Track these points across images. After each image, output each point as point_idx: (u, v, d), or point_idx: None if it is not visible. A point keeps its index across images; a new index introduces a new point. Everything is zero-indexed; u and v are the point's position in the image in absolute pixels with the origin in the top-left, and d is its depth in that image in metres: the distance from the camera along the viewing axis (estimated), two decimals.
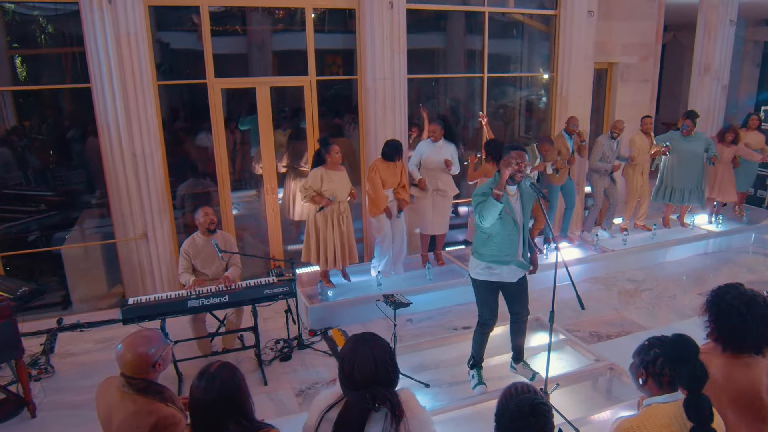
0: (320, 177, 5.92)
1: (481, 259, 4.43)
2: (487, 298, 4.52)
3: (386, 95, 6.99)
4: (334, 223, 6.07)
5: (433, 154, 6.62)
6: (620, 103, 9.13)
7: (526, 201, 4.37)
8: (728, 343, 2.66)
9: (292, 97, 7.47)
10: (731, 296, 2.67)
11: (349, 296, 6.26)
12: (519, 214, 4.33)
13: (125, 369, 2.77)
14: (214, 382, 2.37)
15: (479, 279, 4.48)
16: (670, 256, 7.99)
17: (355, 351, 2.34)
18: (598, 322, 6.17)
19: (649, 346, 2.49)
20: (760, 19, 12.12)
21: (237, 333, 5.42)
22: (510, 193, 4.29)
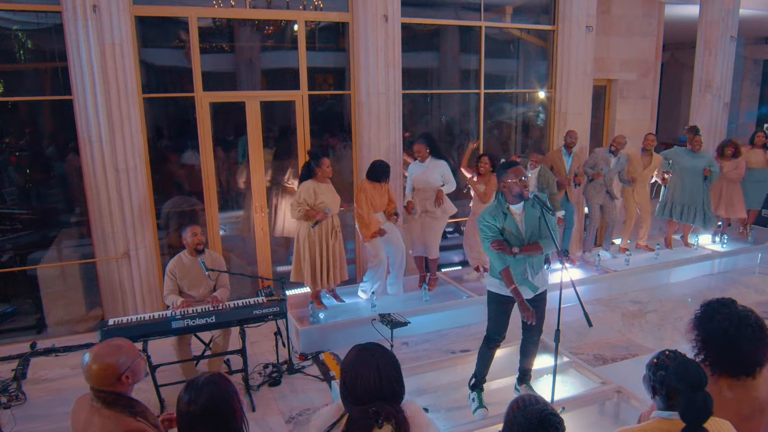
0: (312, 190, 5.88)
1: (493, 274, 4.42)
2: (497, 312, 4.47)
3: (380, 110, 7.01)
4: (326, 239, 6.02)
5: (421, 174, 6.61)
6: (620, 121, 9.20)
7: (532, 219, 4.31)
8: (716, 366, 2.60)
9: (280, 115, 7.44)
10: (720, 317, 2.59)
11: (341, 318, 6.18)
12: (526, 233, 4.28)
13: (91, 380, 2.65)
14: (202, 394, 2.26)
15: (493, 291, 4.45)
16: (674, 277, 7.98)
17: (359, 362, 2.23)
18: (602, 344, 6.12)
19: (657, 365, 2.45)
20: (760, 38, 12.32)
21: (223, 356, 5.31)
22: (515, 213, 4.27)
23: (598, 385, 4.94)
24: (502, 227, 4.22)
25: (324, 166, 5.88)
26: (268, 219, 7.60)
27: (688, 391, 2.26)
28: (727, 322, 2.56)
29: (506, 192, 4.24)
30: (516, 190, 4.17)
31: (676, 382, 2.31)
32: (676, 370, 2.33)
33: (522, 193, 4.18)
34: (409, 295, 6.83)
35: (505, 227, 4.21)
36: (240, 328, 4.97)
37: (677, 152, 8.09)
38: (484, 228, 4.27)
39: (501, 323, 4.50)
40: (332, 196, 6.00)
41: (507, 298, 4.41)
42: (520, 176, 4.17)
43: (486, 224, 4.27)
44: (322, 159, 5.90)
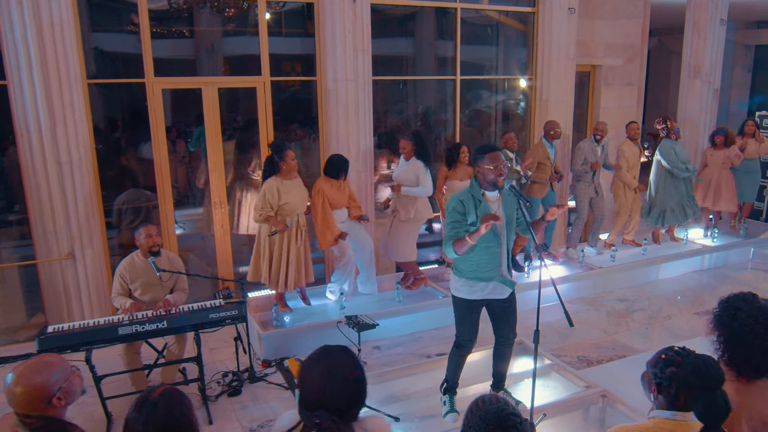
0: (276, 189, 5.76)
1: (460, 275, 4.34)
2: (466, 316, 4.42)
3: (349, 98, 6.90)
4: (289, 239, 5.92)
5: (400, 172, 6.58)
6: (605, 108, 9.20)
7: (508, 209, 4.27)
8: (744, 369, 2.55)
9: (243, 104, 7.31)
10: (745, 314, 2.54)
11: (308, 321, 6.10)
12: (502, 225, 4.22)
13: (16, 405, 2.47)
14: (156, 412, 2.14)
15: (459, 296, 4.38)
16: (662, 274, 8.02)
17: (311, 364, 2.16)
18: (586, 345, 6.11)
19: (666, 361, 2.39)
20: (751, 22, 12.42)
21: (178, 365, 5.18)
22: (490, 200, 4.20)
23: (582, 389, 4.92)
24: (473, 215, 4.13)
25: (288, 159, 5.77)
26: (233, 215, 7.52)
27: (708, 389, 2.22)
28: (753, 320, 2.52)
29: (481, 178, 4.17)
30: (490, 178, 4.10)
31: (695, 379, 2.27)
32: (695, 367, 2.29)
33: (496, 182, 4.11)
34: (382, 296, 6.78)
35: (479, 214, 4.12)
36: (195, 333, 4.85)
37: (672, 145, 8.01)
38: (451, 211, 4.18)
39: (470, 328, 4.44)
40: (299, 194, 5.90)
41: (475, 302, 4.35)
42: (497, 163, 4.09)
43: (454, 208, 4.17)
44: (285, 152, 5.78)
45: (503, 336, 4.53)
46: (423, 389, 5.01)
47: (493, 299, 4.36)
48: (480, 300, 4.35)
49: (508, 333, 4.51)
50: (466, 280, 4.30)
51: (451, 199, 4.25)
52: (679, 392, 2.32)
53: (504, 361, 4.65)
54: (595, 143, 7.62)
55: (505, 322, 4.48)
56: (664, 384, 2.36)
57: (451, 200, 4.23)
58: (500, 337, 4.54)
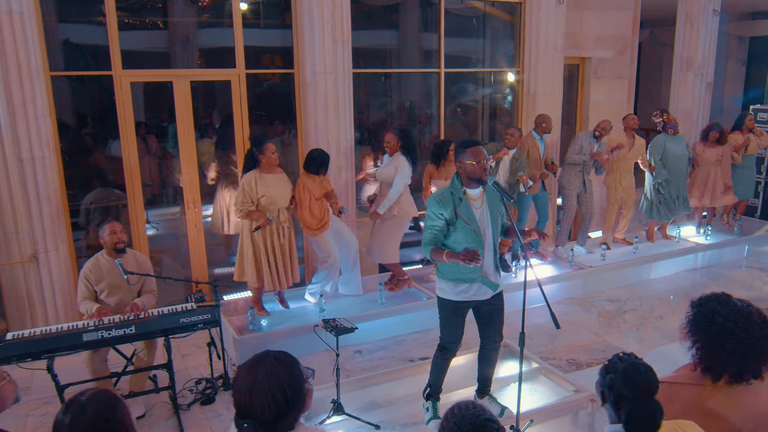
0: (254, 181, 5.69)
1: (443, 276, 4.30)
2: (451, 319, 4.37)
3: (328, 91, 6.84)
4: (273, 236, 5.86)
5: (382, 167, 6.53)
6: (595, 102, 9.20)
7: (492, 206, 4.21)
8: (723, 374, 2.48)
9: (221, 99, 7.23)
10: (722, 318, 2.46)
11: (286, 325, 6.02)
12: (485, 223, 4.18)
13: None
14: (84, 414, 2.04)
15: (443, 297, 4.34)
16: (654, 273, 8.02)
17: (243, 371, 2.13)
18: (576, 348, 6.09)
19: (607, 368, 2.36)
20: (745, 13, 12.46)
21: (148, 372, 5.09)
22: (473, 198, 4.15)
23: (571, 393, 4.89)
24: (452, 215, 4.07)
25: (268, 153, 5.70)
26: (217, 215, 7.46)
27: (634, 397, 2.19)
28: (731, 323, 2.44)
29: (462, 174, 4.12)
30: (473, 173, 4.05)
31: (622, 386, 2.23)
32: (623, 373, 2.25)
33: (480, 177, 4.06)
34: (364, 298, 6.73)
35: (460, 214, 4.06)
36: (165, 339, 4.75)
37: (665, 140, 8.02)
38: (429, 214, 4.12)
39: (455, 331, 4.40)
40: (279, 189, 5.82)
41: (460, 303, 4.31)
42: (480, 158, 4.04)
43: (432, 211, 4.11)
44: (265, 145, 5.71)
45: (489, 339, 4.49)
46: (406, 395, 4.96)
47: (480, 301, 4.32)
48: (466, 302, 4.30)
49: (494, 336, 4.47)
50: (450, 282, 4.25)
51: (429, 199, 4.19)
52: (619, 399, 2.26)
53: (490, 365, 4.61)
54: (593, 139, 7.56)
55: (491, 325, 4.43)
56: (606, 392, 2.32)
57: (429, 201, 4.17)
58: (486, 340, 4.50)
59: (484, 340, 4.51)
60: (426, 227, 4.17)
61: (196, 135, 6.79)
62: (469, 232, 4.09)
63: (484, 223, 4.16)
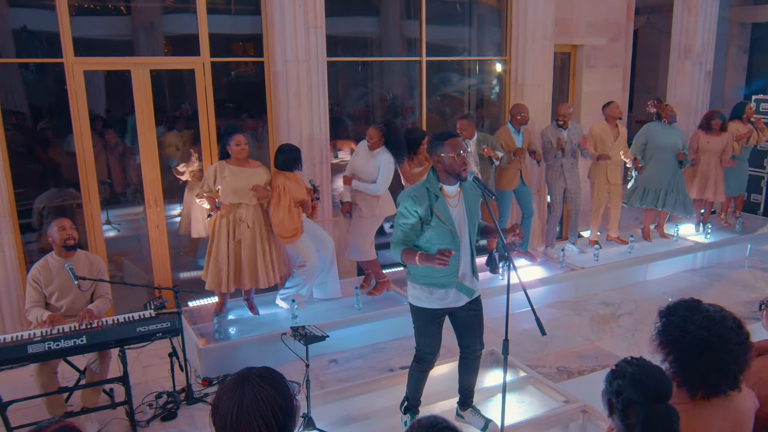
0: (214, 171, 5.78)
1: (415, 281, 4.23)
2: (426, 327, 4.31)
3: (301, 81, 6.77)
4: (230, 232, 5.83)
5: (363, 163, 6.44)
6: (587, 93, 9.18)
7: (470, 204, 4.16)
8: (699, 388, 2.42)
9: (189, 90, 7.12)
10: (695, 326, 2.40)
11: (255, 333, 5.95)
12: (461, 223, 4.12)
13: None
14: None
15: (417, 305, 4.27)
16: (651, 274, 8.02)
17: (225, 393, 2.00)
18: (567, 355, 6.08)
19: (614, 374, 2.28)
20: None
21: (102, 386, 4.97)
22: (449, 195, 4.08)
23: (561, 404, 4.86)
24: (427, 213, 4.00)
25: (233, 144, 5.75)
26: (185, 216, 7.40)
27: (646, 402, 2.14)
28: (705, 331, 2.38)
29: (440, 169, 4.05)
30: (454, 168, 3.97)
31: (631, 391, 2.18)
32: (633, 378, 2.20)
33: (460, 172, 3.99)
34: (341, 302, 6.68)
35: (435, 212, 3.99)
36: (120, 349, 4.67)
37: (649, 129, 8.05)
38: (402, 210, 4.04)
39: (432, 340, 4.34)
40: (245, 183, 5.77)
41: (435, 311, 4.25)
42: (458, 150, 3.97)
43: (406, 207, 4.02)
44: (231, 136, 5.76)
45: (469, 347, 4.43)
46: (384, 407, 4.90)
47: (456, 306, 4.26)
48: (441, 309, 4.24)
49: (474, 344, 4.42)
50: (423, 288, 4.18)
51: (402, 194, 4.11)
52: (628, 408, 2.20)
53: (471, 374, 4.56)
54: (558, 128, 7.50)
55: (470, 332, 4.38)
56: (613, 400, 2.25)
57: (402, 196, 4.09)
58: (466, 349, 4.45)
59: (463, 350, 4.46)
60: (397, 225, 4.07)
61: (163, 128, 6.68)
62: (444, 233, 4.02)
63: (460, 223, 4.09)
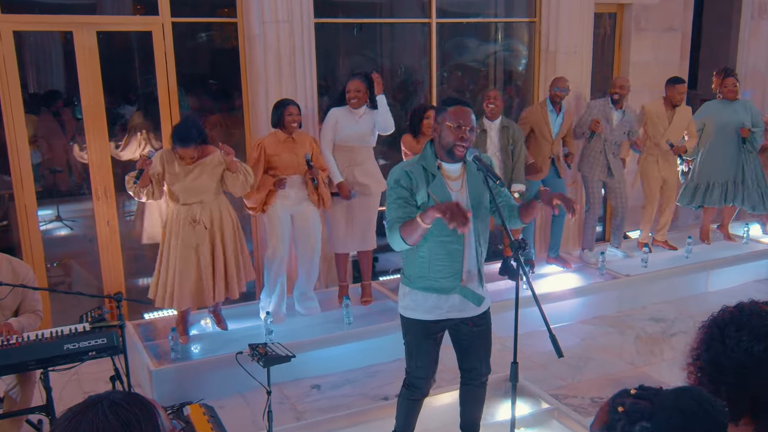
0: (160, 161, 5.70)
1: (410, 284, 4.09)
2: (419, 345, 4.18)
3: (282, 45, 6.67)
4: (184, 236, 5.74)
5: (352, 128, 6.38)
6: (636, 63, 8.95)
7: (475, 189, 4.01)
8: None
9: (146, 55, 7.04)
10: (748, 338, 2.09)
11: (220, 353, 5.84)
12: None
13: None
14: None
15: (408, 317, 4.15)
16: (713, 284, 7.90)
17: (62, 419, 1.76)
18: (604, 382, 5.96)
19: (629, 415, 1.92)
20: None
21: (24, 416, 4.84)
22: (449, 177, 3.94)
23: None
24: (424, 196, 3.85)
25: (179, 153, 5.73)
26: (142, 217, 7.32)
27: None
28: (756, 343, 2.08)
29: (436, 141, 3.92)
30: (448, 141, 3.83)
31: None
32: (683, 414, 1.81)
33: (453, 148, 3.82)
34: (327, 316, 6.59)
35: (432, 195, 3.83)
36: (42, 371, 4.52)
37: (708, 109, 7.92)
38: (394, 186, 3.89)
39: (425, 361, 4.19)
40: (199, 176, 5.73)
41: (431, 324, 4.09)
42: (460, 121, 3.81)
43: (398, 180, 3.87)
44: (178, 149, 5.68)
45: (473, 371, 4.31)
46: None
47: (458, 319, 4.10)
48: (438, 321, 4.08)
49: (478, 367, 4.29)
50: (417, 292, 4.04)
51: (393, 170, 3.96)
52: None
53: (475, 405, 4.44)
54: (611, 105, 7.42)
55: (474, 352, 4.24)
56: None
57: (393, 171, 3.95)
58: (468, 374, 4.33)
59: (466, 374, 4.34)
60: (390, 203, 3.92)
61: (117, 103, 6.66)
62: (444, 222, 3.78)
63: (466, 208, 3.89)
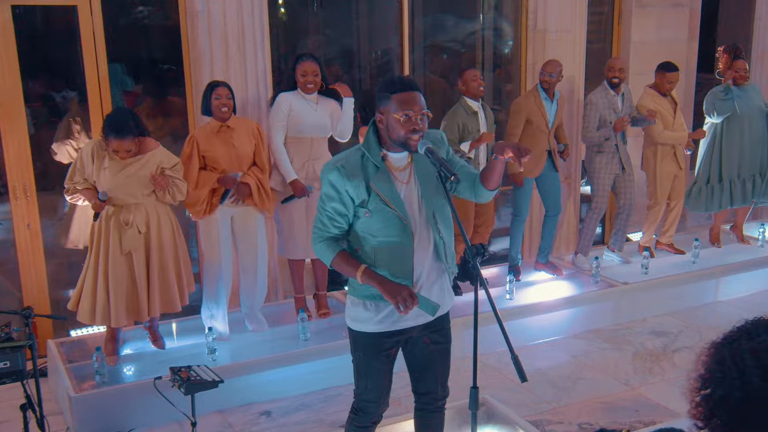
0: (90, 156, 5.60)
1: (355, 293, 3.95)
2: (368, 362, 4.04)
3: (230, 24, 6.64)
4: (114, 242, 5.63)
5: (311, 116, 6.31)
6: (637, 43, 8.88)
7: (426, 181, 3.85)
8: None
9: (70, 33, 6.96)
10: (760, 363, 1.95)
11: (154, 375, 5.42)
12: (414, 205, 3.81)
13: None
14: None
15: (356, 330, 4.01)
16: (723, 293, 7.84)
17: None
18: (595, 406, 5.86)
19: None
20: None
21: None
22: (396, 167, 3.79)
23: None
24: (363, 192, 3.69)
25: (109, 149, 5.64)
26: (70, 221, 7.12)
27: None
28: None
29: (382, 130, 3.74)
30: (399, 134, 3.65)
31: None
32: None
33: (407, 141, 3.64)
34: (280, 332, 6.54)
35: (374, 189, 3.66)
36: None
37: (716, 95, 7.86)
38: (325, 190, 3.74)
39: (376, 382, 4.04)
40: (130, 173, 5.64)
41: (383, 336, 3.93)
42: (409, 111, 3.63)
43: (329, 184, 3.72)
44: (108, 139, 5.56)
45: (428, 394, 4.16)
46: None
47: (414, 328, 3.95)
48: (391, 334, 3.92)
49: (434, 389, 4.14)
50: (364, 301, 3.89)
51: (326, 166, 3.79)
52: None
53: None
54: (611, 91, 7.39)
55: (429, 372, 4.10)
56: None
57: (326, 168, 3.77)
58: (423, 397, 4.19)
59: (420, 398, 4.20)
60: (320, 210, 3.80)
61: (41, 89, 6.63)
62: (388, 219, 3.70)
63: (413, 206, 3.78)
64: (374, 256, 3.77)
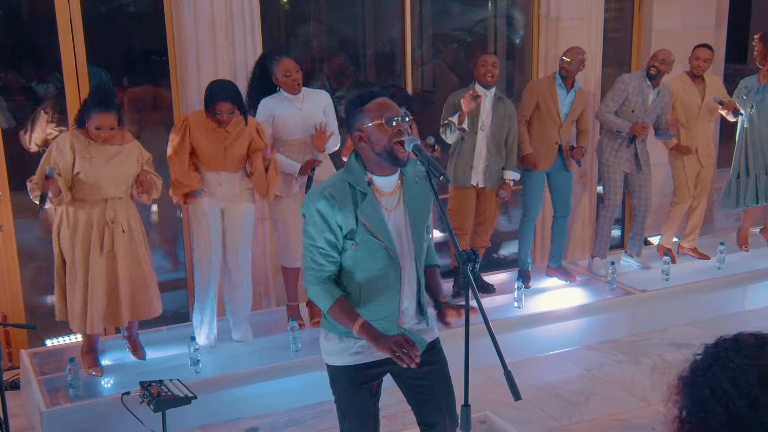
0: (70, 147, 5.57)
1: (333, 329, 3.85)
2: (350, 400, 3.95)
3: (217, 12, 6.63)
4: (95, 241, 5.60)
5: (292, 115, 6.31)
6: (659, 31, 8.82)
7: (417, 205, 3.79)
8: None
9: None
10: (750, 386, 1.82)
11: (133, 388, 5.40)
12: (402, 234, 3.75)
13: None
14: None
15: (334, 365, 3.93)
16: (752, 301, 7.80)
17: None
18: (609, 424, 5.82)
19: None
20: None
21: None
22: (383, 193, 3.69)
23: None
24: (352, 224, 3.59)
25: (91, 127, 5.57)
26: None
27: None
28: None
29: (365, 151, 3.61)
30: (384, 144, 3.54)
31: None
32: None
33: (394, 150, 3.53)
34: (270, 341, 6.50)
35: (362, 219, 3.57)
36: None
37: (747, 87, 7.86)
38: (314, 222, 3.62)
39: (361, 419, 3.94)
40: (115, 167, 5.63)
41: (361, 369, 3.84)
42: (387, 113, 3.54)
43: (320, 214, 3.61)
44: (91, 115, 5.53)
45: (434, 427, 4.04)
46: None
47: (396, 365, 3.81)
48: (370, 366, 3.82)
49: (440, 420, 4.02)
50: (341, 337, 3.80)
51: (310, 195, 3.70)
52: None
53: None
54: (647, 81, 7.29)
55: (431, 402, 3.99)
56: None
57: (310, 197, 3.68)
58: (431, 429, 4.07)
59: (428, 429, 4.07)
60: (306, 248, 3.68)
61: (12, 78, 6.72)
62: (375, 250, 3.63)
63: (401, 235, 3.71)
64: (360, 292, 3.71)
